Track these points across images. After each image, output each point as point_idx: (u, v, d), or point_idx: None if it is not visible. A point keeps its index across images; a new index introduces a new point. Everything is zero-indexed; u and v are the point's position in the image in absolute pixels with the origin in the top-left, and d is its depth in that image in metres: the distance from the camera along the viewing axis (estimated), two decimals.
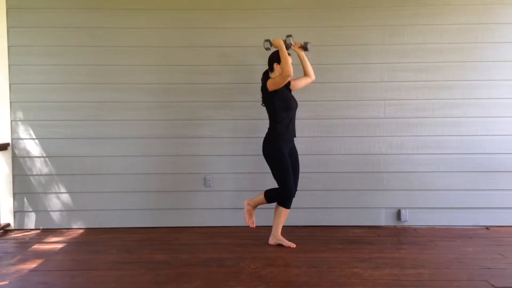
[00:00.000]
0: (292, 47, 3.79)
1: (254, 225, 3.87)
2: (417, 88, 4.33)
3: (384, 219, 4.39)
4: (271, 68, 3.76)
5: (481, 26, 4.29)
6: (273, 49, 3.78)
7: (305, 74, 3.91)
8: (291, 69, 3.57)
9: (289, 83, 3.79)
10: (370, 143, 4.36)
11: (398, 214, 4.37)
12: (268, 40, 3.77)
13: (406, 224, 4.37)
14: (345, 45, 4.32)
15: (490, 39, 4.29)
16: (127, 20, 4.31)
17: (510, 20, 4.28)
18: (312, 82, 3.96)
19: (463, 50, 4.30)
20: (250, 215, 3.86)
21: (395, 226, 4.38)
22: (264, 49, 3.82)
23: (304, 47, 3.84)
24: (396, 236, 4.08)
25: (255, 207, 3.85)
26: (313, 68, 3.90)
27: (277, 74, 3.70)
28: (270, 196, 3.75)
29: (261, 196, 3.78)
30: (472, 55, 4.30)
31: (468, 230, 4.25)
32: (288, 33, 3.77)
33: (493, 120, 4.31)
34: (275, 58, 3.72)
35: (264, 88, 3.70)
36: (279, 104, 3.67)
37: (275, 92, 3.66)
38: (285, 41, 3.71)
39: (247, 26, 4.31)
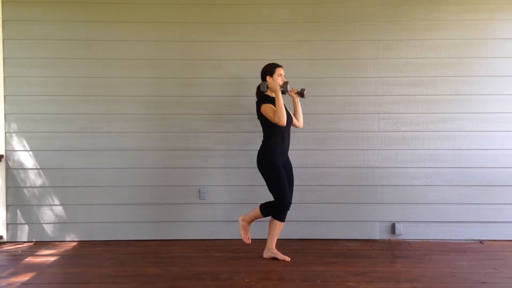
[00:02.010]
0: (288, 93, 3.81)
1: (250, 241, 3.85)
2: (411, 102, 4.36)
3: (378, 233, 4.39)
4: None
5: (473, 41, 4.34)
6: (270, 92, 3.78)
7: (296, 116, 3.96)
8: (284, 118, 3.57)
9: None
10: (365, 156, 4.38)
11: (393, 228, 4.37)
12: (264, 83, 3.73)
13: (400, 237, 4.37)
14: (339, 59, 4.35)
15: (483, 54, 4.34)
16: (122, 33, 4.33)
17: (502, 35, 4.34)
18: (299, 128, 4.02)
19: (456, 65, 4.35)
20: (246, 231, 3.84)
21: (389, 240, 4.38)
22: (260, 91, 3.78)
23: (301, 94, 3.86)
24: (391, 250, 4.08)
25: (250, 222, 3.84)
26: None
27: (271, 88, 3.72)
28: (266, 209, 3.74)
29: (256, 211, 3.76)
30: (465, 70, 4.34)
31: (462, 244, 4.25)
32: (286, 80, 3.77)
33: (486, 134, 4.34)
34: (267, 71, 3.75)
35: (258, 105, 3.72)
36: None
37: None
38: (281, 87, 3.70)
39: (242, 40, 4.33)
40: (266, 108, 3.65)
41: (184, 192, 4.38)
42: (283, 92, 3.68)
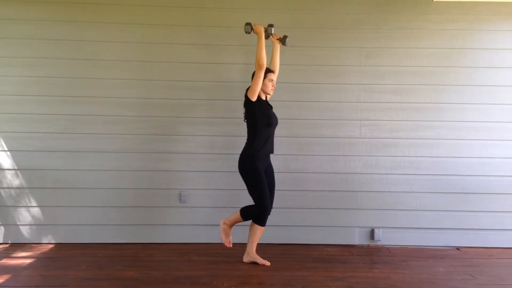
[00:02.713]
0: (271, 37, 3.82)
1: (231, 245, 3.84)
2: (391, 109, 4.41)
3: (358, 238, 4.42)
4: None
5: (454, 51, 4.42)
6: (252, 34, 3.80)
7: (272, 63, 3.89)
8: (265, 58, 3.59)
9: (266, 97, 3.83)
10: (346, 162, 4.41)
11: (372, 233, 4.40)
12: (249, 24, 3.76)
13: (379, 243, 4.41)
14: (322, 65, 4.39)
15: (463, 64, 4.42)
16: (106, 34, 4.30)
17: (481, 45, 4.43)
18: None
19: (436, 74, 4.42)
20: (227, 234, 3.82)
21: (368, 245, 4.41)
22: (244, 32, 3.80)
23: (283, 41, 3.83)
24: (370, 255, 4.11)
25: (231, 226, 3.82)
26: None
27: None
28: (246, 213, 3.72)
29: (237, 215, 3.75)
30: (445, 79, 4.42)
31: (440, 251, 4.30)
32: (270, 23, 3.80)
33: (463, 143, 4.41)
34: None
35: (246, 101, 3.71)
36: (261, 119, 3.68)
37: (258, 106, 3.67)
38: (266, 30, 3.73)
39: (228, 44, 4.34)
40: (250, 87, 3.65)
41: (164, 195, 4.35)
42: (266, 36, 3.71)
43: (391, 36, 4.41)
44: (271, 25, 3.77)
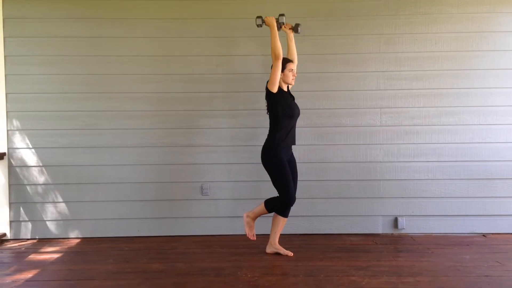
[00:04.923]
0: (283, 27, 3.82)
1: (255, 238, 3.85)
2: (412, 96, 4.35)
3: (381, 227, 4.39)
4: None
5: (475, 35, 4.32)
6: (264, 26, 3.80)
7: (289, 53, 3.89)
8: (280, 48, 3.59)
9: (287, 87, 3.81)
10: (367, 151, 4.38)
11: (395, 222, 4.37)
12: (260, 17, 3.76)
13: (403, 231, 4.37)
14: (341, 53, 4.34)
15: (485, 47, 4.32)
16: (124, 30, 4.33)
17: (504, 28, 4.32)
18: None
19: (457, 58, 4.33)
20: (250, 227, 3.83)
21: (392, 234, 4.38)
22: (256, 26, 3.80)
23: (295, 29, 3.84)
24: (393, 244, 4.08)
25: (255, 219, 3.83)
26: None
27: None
28: (271, 205, 3.73)
29: (261, 207, 3.76)
30: (467, 63, 4.33)
31: (465, 238, 4.25)
32: (281, 12, 3.79)
33: (488, 128, 4.33)
34: None
35: (267, 94, 3.70)
36: (282, 110, 3.66)
37: (279, 97, 3.65)
38: (277, 20, 3.73)
39: (244, 35, 4.33)
40: (269, 80, 3.64)
41: (187, 188, 4.39)
42: (278, 27, 3.72)
43: (410, 21, 4.34)
44: (282, 15, 3.76)
